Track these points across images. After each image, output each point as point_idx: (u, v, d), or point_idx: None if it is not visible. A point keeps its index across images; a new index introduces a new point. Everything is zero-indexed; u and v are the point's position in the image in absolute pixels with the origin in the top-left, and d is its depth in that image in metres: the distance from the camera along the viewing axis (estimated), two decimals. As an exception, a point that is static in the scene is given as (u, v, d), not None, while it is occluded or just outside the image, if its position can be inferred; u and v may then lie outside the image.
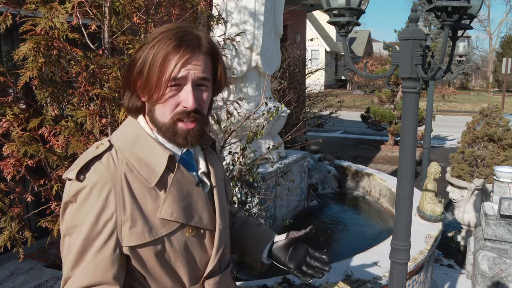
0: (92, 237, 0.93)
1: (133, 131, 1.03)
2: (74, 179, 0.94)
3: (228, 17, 4.06)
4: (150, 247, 0.97)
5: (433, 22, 33.35)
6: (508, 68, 14.91)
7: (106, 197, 0.93)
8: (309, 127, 6.71)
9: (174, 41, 0.95)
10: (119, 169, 0.96)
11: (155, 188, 0.99)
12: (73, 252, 0.94)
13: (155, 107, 0.99)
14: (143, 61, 0.96)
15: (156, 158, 1.00)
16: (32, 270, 2.52)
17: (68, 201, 0.96)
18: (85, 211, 0.93)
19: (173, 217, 0.99)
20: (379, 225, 4.58)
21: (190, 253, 1.04)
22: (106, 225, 0.94)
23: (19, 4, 2.19)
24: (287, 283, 2.48)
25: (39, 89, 2.19)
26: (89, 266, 0.94)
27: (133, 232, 0.95)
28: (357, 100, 22.43)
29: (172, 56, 0.95)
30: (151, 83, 0.96)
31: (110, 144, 0.99)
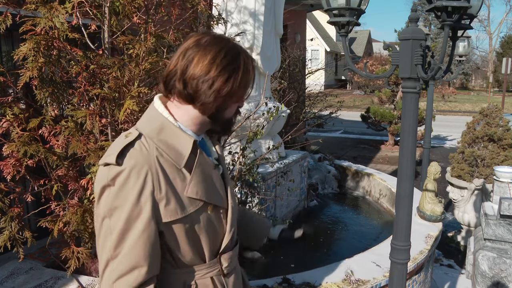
0: (134, 216, 1.01)
1: (158, 120, 1.11)
2: (114, 163, 1.01)
3: (228, 17, 4.06)
4: (181, 223, 1.08)
5: (433, 22, 33.34)
6: (508, 68, 14.91)
7: (144, 178, 1.01)
8: (309, 127, 6.71)
9: (250, 63, 1.14)
10: (151, 154, 1.04)
11: (183, 170, 1.09)
12: (115, 231, 1.01)
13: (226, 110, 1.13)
14: (228, 83, 1.08)
15: (182, 143, 1.10)
16: (32, 270, 2.52)
17: (106, 184, 1.02)
18: (126, 193, 1.01)
19: (198, 195, 1.10)
20: (379, 225, 4.58)
21: (211, 229, 1.16)
22: (146, 204, 1.02)
23: (19, 4, 2.19)
24: (287, 283, 2.48)
25: (39, 89, 2.19)
26: (135, 245, 1.01)
27: (167, 209, 1.05)
28: (357, 100, 22.43)
29: (249, 83, 1.15)
30: (227, 101, 1.11)
31: (139, 133, 1.07)
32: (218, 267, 1.21)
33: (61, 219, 2.26)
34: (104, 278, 1.04)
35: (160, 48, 2.60)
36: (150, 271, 1.04)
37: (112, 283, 1.02)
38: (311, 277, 2.55)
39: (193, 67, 1.05)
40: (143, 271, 1.02)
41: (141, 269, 1.02)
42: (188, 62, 1.06)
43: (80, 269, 2.43)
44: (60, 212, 2.32)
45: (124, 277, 1.01)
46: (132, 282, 1.01)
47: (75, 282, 2.36)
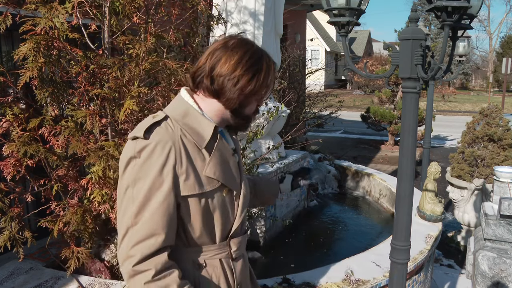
0: (156, 187, 1.10)
1: (183, 106, 1.22)
2: (142, 137, 1.11)
3: (228, 17, 4.06)
4: (197, 199, 1.16)
5: (433, 22, 33.33)
6: (508, 68, 14.90)
7: (168, 153, 1.11)
8: (309, 127, 6.71)
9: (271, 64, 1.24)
10: (176, 133, 1.15)
11: (203, 151, 1.18)
12: (137, 200, 1.10)
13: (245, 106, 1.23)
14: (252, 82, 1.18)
15: (203, 127, 1.20)
16: (32, 270, 2.52)
17: (132, 156, 1.12)
18: (150, 165, 1.10)
19: (216, 176, 1.19)
20: (379, 225, 4.58)
21: (224, 211, 1.24)
22: (168, 176, 1.10)
23: (19, 4, 2.19)
24: (287, 283, 2.48)
25: (39, 89, 2.19)
26: (155, 214, 1.09)
27: (186, 184, 1.13)
28: (357, 100, 22.43)
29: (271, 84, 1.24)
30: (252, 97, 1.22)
31: (166, 115, 1.18)
32: (227, 250, 1.27)
33: (61, 219, 2.26)
34: (122, 245, 1.11)
35: (160, 48, 2.60)
36: (166, 240, 1.11)
37: (129, 249, 1.09)
38: (311, 277, 2.55)
39: (220, 66, 1.16)
40: (160, 238, 1.09)
41: (158, 237, 1.09)
42: (216, 61, 1.17)
43: (80, 269, 2.43)
44: (60, 212, 2.32)
45: (141, 243, 1.08)
46: (149, 247, 1.09)
47: (75, 282, 2.36)
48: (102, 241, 2.64)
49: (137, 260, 1.08)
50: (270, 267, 3.43)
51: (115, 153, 2.17)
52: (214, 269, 1.24)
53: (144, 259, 1.09)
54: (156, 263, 1.09)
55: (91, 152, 2.15)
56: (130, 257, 1.09)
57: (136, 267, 1.08)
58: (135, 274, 1.09)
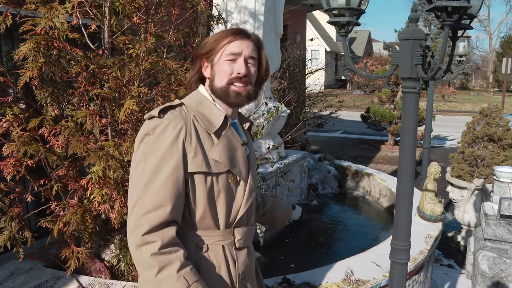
0: (166, 159, 1.16)
1: (197, 96, 1.33)
2: (157, 115, 1.20)
3: (228, 17, 4.06)
4: (204, 176, 1.22)
5: (433, 22, 33.32)
6: (508, 68, 14.90)
7: (179, 130, 1.19)
8: (309, 127, 6.70)
9: (231, 30, 1.31)
10: (189, 116, 1.24)
11: (212, 136, 1.26)
12: (148, 172, 1.16)
13: (215, 76, 1.29)
14: (209, 40, 1.30)
15: (215, 116, 1.29)
16: (32, 270, 2.52)
17: (147, 133, 1.20)
18: (161, 140, 1.18)
19: (221, 159, 1.25)
20: (379, 225, 4.58)
21: (229, 197, 1.28)
22: (178, 150, 1.17)
23: (19, 4, 2.19)
24: (287, 283, 2.48)
25: (39, 89, 2.19)
26: (164, 185, 1.15)
27: (194, 161, 1.20)
28: (357, 100, 22.42)
29: (228, 36, 1.28)
30: (212, 55, 1.29)
31: (181, 102, 1.28)
32: (231, 238, 1.30)
33: (61, 219, 2.26)
34: (131, 217, 1.15)
35: (160, 48, 2.60)
36: (174, 212, 1.16)
37: (138, 219, 1.13)
38: (311, 277, 2.55)
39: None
40: (167, 209, 1.15)
41: (166, 208, 1.14)
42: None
43: (80, 269, 2.43)
44: (60, 212, 2.32)
45: (150, 213, 1.13)
46: (157, 218, 1.13)
47: (75, 282, 2.36)
48: (102, 241, 2.64)
49: (145, 230, 1.12)
50: (270, 267, 3.43)
51: (115, 153, 2.17)
52: (216, 254, 1.27)
53: (153, 229, 1.13)
54: (164, 236, 1.13)
55: (91, 152, 2.15)
56: (139, 227, 1.13)
57: (145, 236, 1.12)
58: (142, 244, 1.12)
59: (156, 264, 1.11)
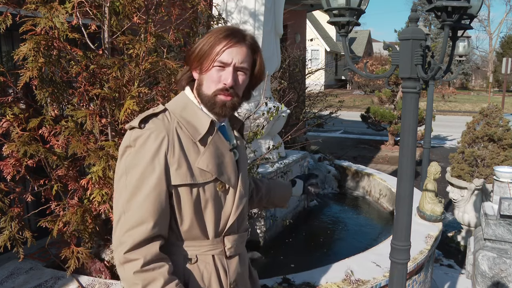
0: (147, 173, 1.13)
1: (183, 100, 1.28)
2: (137, 126, 1.16)
3: (228, 17, 4.06)
4: (189, 188, 1.18)
5: (433, 22, 33.31)
6: (508, 68, 14.89)
7: (160, 142, 1.15)
8: (309, 127, 6.70)
9: (225, 32, 1.22)
10: (172, 124, 1.19)
11: (198, 144, 1.21)
12: (130, 187, 1.13)
13: (204, 81, 1.24)
14: (200, 43, 1.23)
15: (200, 121, 1.24)
16: (32, 270, 2.52)
17: (128, 145, 1.17)
18: (143, 153, 1.14)
19: (208, 168, 1.20)
20: (379, 225, 4.58)
21: (217, 206, 1.24)
22: (159, 164, 1.14)
23: (19, 4, 2.19)
24: (287, 283, 2.48)
25: (39, 89, 2.19)
26: (146, 200, 1.12)
27: (178, 173, 1.16)
28: (357, 100, 22.42)
29: (221, 41, 1.20)
30: (201, 60, 1.22)
31: (165, 108, 1.23)
32: (221, 247, 1.27)
33: (61, 219, 2.26)
34: (115, 233, 1.14)
35: (160, 48, 2.60)
36: (156, 228, 1.13)
37: (121, 236, 1.12)
38: (311, 277, 2.55)
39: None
40: (150, 226, 1.12)
41: (149, 224, 1.12)
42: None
43: (80, 269, 2.43)
44: (60, 212, 2.32)
45: (133, 230, 1.11)
46: (140, 234, 1.11)
47: (75, 282, 2.36)
48: (102, 241, 2.64)
49: (128, 247, 1.10)
50: (270, 267, 3.43)
51: (115, 153, 2.17)
52: (206, 265, 1.24)
53: (135, 246, 1.11)
54: (146, 253, 1.11)
55: (91, 152, 2.15)
56: (122, 244, 1.11)
57: (127, 254, 1.10)
58: (125, 261, 1.11)
59: (139, 282, 1.10)
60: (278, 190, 1.67)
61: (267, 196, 1.63)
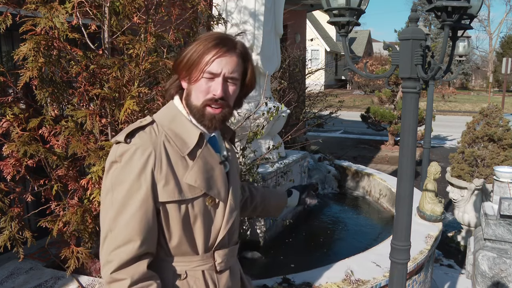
0: (133, 191, 1.09)
1: (171, 111, 1.23)
2: (123, 141, 1.12)
3: (228, 17, 4.06)
4: (177, 205, 1.14)
5: (433, 22, 33.32)
6: (508, 68, 14.90)
7: (147, 158, 1.11)
8: (309, 127, 6.70)
9: (215, 40, 1.17)
10: (159, 138, 1.15)
11: (186, 158, 1.17)
12: (116, 205, 1.10)
13: (192, 92, 1.19)
14: (188, 51, 1.18)
15: (189, 134, 1.19)
16: (32, 270, 2.52)
17: (114, 161, 1.13)
18: (129, 169, 1.10)
19: (197, 184, 1.16)
20: (379, 225, 4.58)
21: (207, 221, 1.21)
22: (146, 181, 1.10)
23: (19, 4, 2.19)
24: (287, 283, 2.48)
25: (39, 89, 2.19)
26: (132, 219, 1.09)
27: (165, 190, 1.12)
28: (357, 100, 22.42)
29: (210, 51, 1.15)
30: (190, 69, 1.17)
31: (152, 120, 1.19)
32: (211, 262, 1.24)
33: (61, 219, 2.26)
34: (103, 250, 1.11)
35: (160, 48, 2.60)
36: (144, 246, 1.10)
37: (108, 254, 1.09)
38: (311, 277, 2.55)
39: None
40: (137, 245, 1.09)
41: (135, 243, 1.09)
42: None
43: (80, 269, 2.43)
44: (60, 212, 2.32)
45: (119, 249, 1.09)
46: (126, 253, 1.08)
47: (75, 282, 2.36)
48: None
49: (115, 266, 1.08)
50: (270, 267, 3.43)
51: (115, 153, 2.16)
52: (196, 280, 1.21)
53: (122, 266, 1.08)
54: (133, 272, 1.09)
55: (91, 152, 2.15)
56: (109, 263, 1.09)
57: (114, 274, 1.08)
58: (112, 281, 1.09)
59: None
60: (273, 199, 1.64)
61: (262, 205, 1.60)
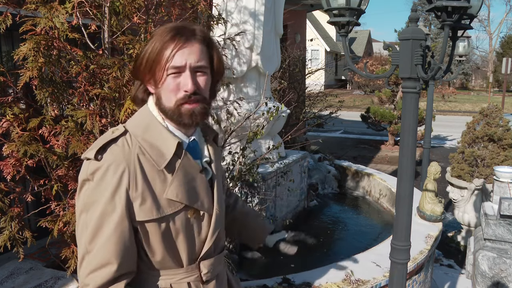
0: (108, 212, 1.03)
1: (146, 118, 1.13)
2: (93, 158, 1.03)
3: (228, 17, 4.06)
4: (156, 223, 1.07)
5: (433, 22, 33.32)
6: (508, 68, 14.90)
7: (120, 175, 1.03)
8: (309, 127, 6.70)
9: (170, 32, 1.07)
10: (133, 152, 1.06)
11: (164, 171, 1.09)
12: (90, 226, 1.03)
13: (161, 94, 1.10)
14: (145, 52, 1.08)
15: (166, 144, 1.10)
16: (32, 270, 2.52)
17: (85, 179, 1.05)
18: (102, 188, 1.03)
19: (178, 198, 1.09)
20: (379, 225, 4.58)
21: (190, 233, 1.14)
22: (120, 201, 1.03)
23: (19, 4, 2.19)
24: (287, 283, 2.48)
25: (39, 89, 2.19)
26: (107, 242, 1.03)
27: (142, 209, 1.05)
28: (357, 100, 22.42)
29: (168, 45, 1.06)
30: (152, 71, 1.08)
31: (125, 130, 1.10)
32: (197, 273, 1.18)
33: (61, 219, 2.26)
34: (80, 271, 1.07)
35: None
36: (121, 269, 1.05)
37: (85, 277, 1.05)
38: (311, 277, 2.55)
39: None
40: (113, 268, 1.04)
41: (112, 266, 1.03)
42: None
43: (80, 269, 2.42)
44: (60, 212, 2.32)
45: (95, 272, 1.04)
46: (102, 277, 1.04)
47: (75, 282, 2.36)
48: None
49: None
50: (270, 267, 3.43)
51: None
52: None
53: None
54: None
55: (91, 152, 2.15)
56: (85, 286, 1.05)
57: None
58: None
59: None
60: (255, 221, 1.55)
61: (241, 219, 1.51)
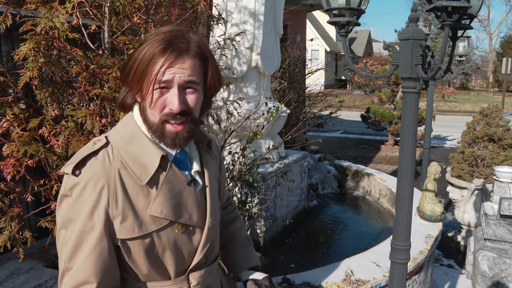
0: (86, 231, 0.98)
1: (129, 129, 1.07)
2: (70, 173, 0.99)
3: (228, 17, 4.06)
4: (139, 241, 1.02)
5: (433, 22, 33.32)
6: (508, 68, 14.91)
7: (99, 192, 0.98)
8: (309, 127, 6.70)
9: (162, 44, 0.98)
10: (113, 166, 1.00)
11: (147, 186, 1.03)
12: (69, 244, 0.99)
13: (147, 107, 1.03)
14: (134, 61, 1.01)
15: (149, 157, 1.04)
16: (32, 270, 2.52)
17: (64, 194, 1.00)
18: (80, 205, 0.98)
19: (163, 214, 1.03)
20: (379, 225, 4.58)
21: (178, 248, 1.09)
22: (99, 220, 0.98)
23: (19, 4, 2.19)
24: (287, 283, 2.48)
25: (39, 89, 2.19)
26: (86, 261, 0.98)
27: (123, 227, 1.00)
28: (357, 100, 22.43)
29: (158, 59, 0.98)
30: (140, 82, 1.01)
31: (107, 141, 1.04)
32: (186, 285, 1.12)
33: (61, 219, 2.26)
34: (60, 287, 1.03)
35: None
36: (101, 286, 1.00)
37: None
38: (311, 277, 2.55)
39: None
40: (92, 287, 0.99)
41: (91, 285, 0.99)
42: None
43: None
44: (60, 212, 2.32)
45: None
46: None
47: (75, 282, 2.35)
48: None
49: None
50: (270, 267, 3.43)
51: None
52: None
53: None
54: None
55: (91, 152, 2.15)
56: None
57: None
58: None
59: None
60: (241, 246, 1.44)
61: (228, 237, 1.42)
